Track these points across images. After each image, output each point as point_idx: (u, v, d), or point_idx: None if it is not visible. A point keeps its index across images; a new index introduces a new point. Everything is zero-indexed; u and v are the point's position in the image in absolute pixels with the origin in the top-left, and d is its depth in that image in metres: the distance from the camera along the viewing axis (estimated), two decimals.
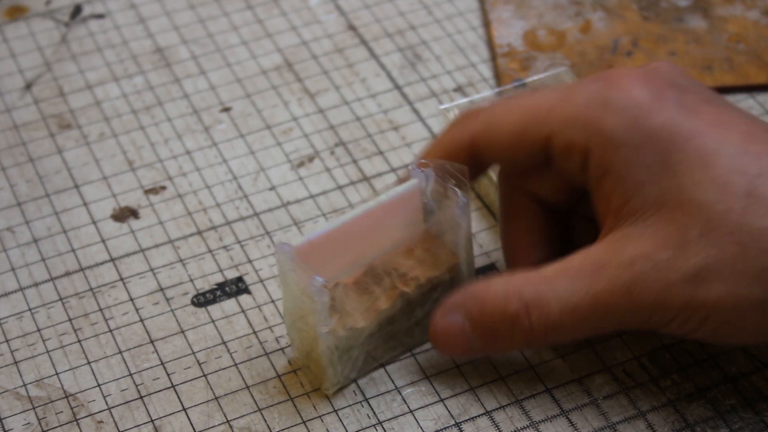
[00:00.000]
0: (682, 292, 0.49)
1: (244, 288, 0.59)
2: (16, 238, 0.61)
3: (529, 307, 0.50)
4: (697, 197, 0.48)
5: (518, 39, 0.70)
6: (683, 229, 0.48)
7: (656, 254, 0.49)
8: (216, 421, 0.54)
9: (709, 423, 0.53)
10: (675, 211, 0.49)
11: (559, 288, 0.50)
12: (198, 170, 0.64)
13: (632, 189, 0.49)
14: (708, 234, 0.48)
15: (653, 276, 0.49)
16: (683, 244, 0.48)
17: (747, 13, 0.70)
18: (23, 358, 0.56)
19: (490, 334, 0.51)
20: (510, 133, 0.52)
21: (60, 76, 0.69)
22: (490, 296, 0.51)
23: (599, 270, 0.49)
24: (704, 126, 0.49)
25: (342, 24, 0.72)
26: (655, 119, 0.49)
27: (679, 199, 0.49)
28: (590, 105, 0.50)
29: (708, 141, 0.49)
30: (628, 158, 0.49)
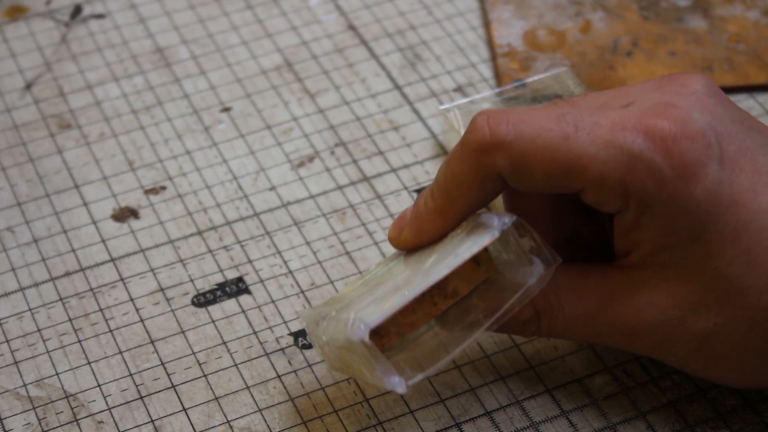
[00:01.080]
0: (686, 348, 0.50)
1: (245, 288, 0.59)
2: (16, 238, 0.61)
3: (540, 314, 0.51)
4: (721, 269, 0.49)
5: (518, 39, 0.70)
6: (700, 294, 0.49)
7: (668, 310, 0.49)
8: (216, 422, 0.54)
9: (710, 423, 0.53)
10: (697, 275, 0.49)
11: (568, 305, 0.51)
12: (198, 170, 0.64)
13: (660, 248, 0.49)
14: (724, 304, 0.49)
15: (659, 329, 0.50)
16: (697, 308, 0.49)
17: (747, 13, 0.70)
18: (23, 358, 0.56)
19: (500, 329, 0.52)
20: (540, 180, 0.49)
21: (60, 76, 0.69)
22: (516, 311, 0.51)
23: (609, 302, 0.50)
24: (740, 193, 0.48)
25: (342, 24, 0.72)
26: (696, 190, 0.48)
27: (704, 266, 0.49)
28: (633, 170, 0.48)
29: (742, 212, 0.48)
30: (663, 225, 0.49)
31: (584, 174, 0.48)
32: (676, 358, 0.51)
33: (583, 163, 0.48)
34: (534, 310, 0.51)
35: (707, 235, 0.48)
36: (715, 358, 0.50)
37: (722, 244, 0.48)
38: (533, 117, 0.49)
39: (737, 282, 0.48)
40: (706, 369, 0.51)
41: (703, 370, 0.51)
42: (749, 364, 0.50)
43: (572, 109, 0.49)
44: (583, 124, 0.48)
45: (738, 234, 0.48)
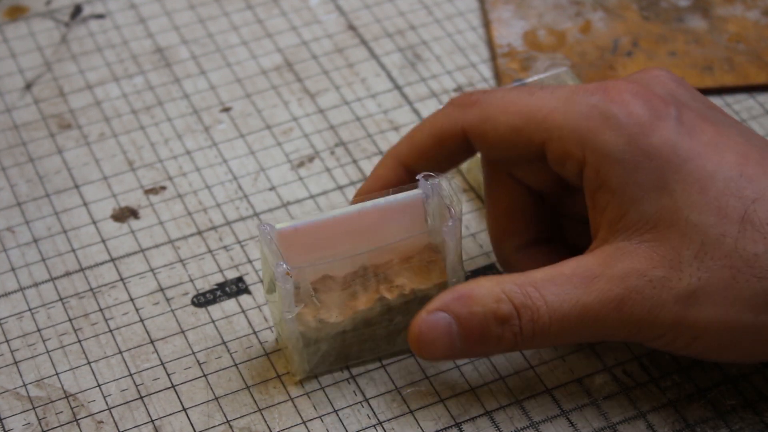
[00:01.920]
0: (673, 312, 0.49)
1: (245, 288, 0.59)
2: (16, 238, 0.61)
3: (520, 311, 0.50)
4: (693, 219, 0.48)
5: (518, 39, 0.70)
6: (678, 250, 0.49)
7: (650, 272, 0.49)
8: (216, 421, 0.54)
9: (710, 423, 0.53)
10: (670, 230, 0.49)
11: (550, 295, 0.50)
12: (198, 170, 0.64)
13: (628, 205, 0.49)
14: (702, 256, 0.48)
15: (645, 293, 0.49)
16: (677, 265, 0.49)
17: (747, 13, 0.70)
18: (23, 358, 0.56)
19: (477, 335, 0.50)
20: (504, 132, 0.52)
21: (60, 76, 0.69)
22: (480, 297, 0.50)
23: (591, 281, 0.50)
24: (702, 147, 0.49)
25: (342, 24, 0.72)
26: (654, 138, 0.49)
27: (675, 218, 0.49)
28: (589, 117, 0.50)
29: (705, 163, 0.49)
30: (625, 175, 0.49)
31: (544, 123, 0.51)
32: (664, 328, 0.49)
33: (543, 113, 0.51)
34: (512, 306, 0.50)
35: (672, 185, 0.49)
36: (704, 324, 0.49)
37: (690, 193, 0.49)
38: (505, 88, 0.54)
39: (712, 231, 0.48)
40: (697, 339, 0.49)
41: (693, 342, 0.50)
42: (739, 326, 0.49)
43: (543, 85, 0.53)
44: (548, 87, 0.52)
45: (704, 183, 0.49)
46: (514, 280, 0.50)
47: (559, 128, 0.50)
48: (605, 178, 0.50)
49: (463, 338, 0.50)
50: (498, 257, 0.56)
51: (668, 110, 0.50)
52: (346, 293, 0.53)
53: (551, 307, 0.50)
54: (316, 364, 0.54)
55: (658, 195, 0.49)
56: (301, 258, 0.52)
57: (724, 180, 0.49)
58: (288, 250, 0.52)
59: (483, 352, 0.52)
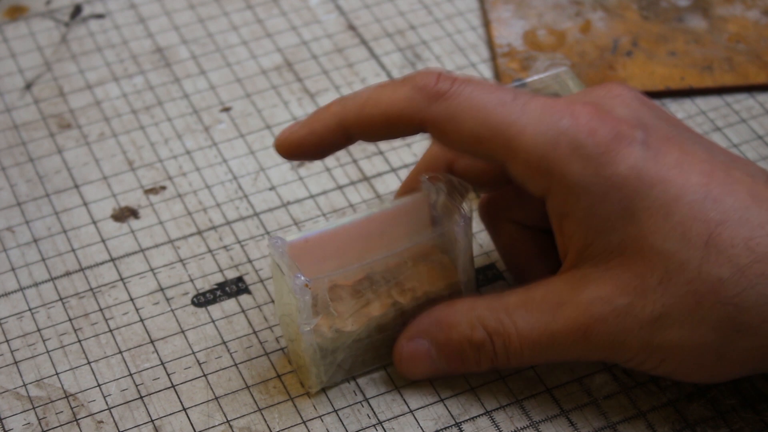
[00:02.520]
0: (639, 337, 0.49)
1: (244, 288, 0.59)
2: (16, 238, 0.61)
3: (493, 336, 0.51)
4: (657, 245, 0.48)
5: (518, 39, 0.70)
6: (642, 277, 0.49)
7: (615, 299, 0.49)
8: (216, 421, 0.54)
9: (710, 423, 0.53)
10: (635, 257, 0.49)
11: (520, 321, 0.51)
12: (198, 170, 0.64)
13: (594, 235, 0.50)
14: (667, 282, 0.48)
15: (609, 321, 0.49)
16: (642, 291, 0.49)
17: (747, 13, 0.70)
18: (23, 358, 0.56)
19: (456, 358, 0.53)
20: (468, 138, 0.50)
21: (60, 76, 0.69)
22: (455, 324, 0.52)
23: (559, 307, 0.50)
24: (667, 170, 0.49)
25: (342, 24, 0.72)
26: (620, 167, 0.49)
27: (640, 246, 0.49)
28: (557, 144, 0.49)
29: (670, 187, 0.49)
30: (591, 206, 0.49)
31: (511, 143, 0.50)
32: (632, 353, 0.50)
33: (512, 132, 0.50)
34: (485, 333, 0.51)
35: (638, 213, 0.49)
36: (670, 347, 0.49)
37: (654, 219, 0.49)
38: (478, 81, 0.51)
39: (675, 257, 0.48)
40: (664, 361, 0.50)
41: (661, 364, 0.50)
42: (704, 349, 0.49)
43: (512, 87, 0.52)
44: (521, 97, 0.50)
45: (669, 208, 0.49)
46: (488, 304, 0.52)
47: (525, 151, 0.49)
48: (571, 209, 0.50)
49: (443, 361, 0.53)
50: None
51: (634, 134, 0.49)
52: (358, 301, 0.53)
53: (521, 333, 0.51)
54: (333, 374, 0.54)
55: (623, 224, 0.49)
56: (313, 268, 0.52)
57: (688, 204, 0.49)
58: (300, 261, 0.52)
59: (465, 371, 0.54)
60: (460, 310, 0.52)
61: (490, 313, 0.51)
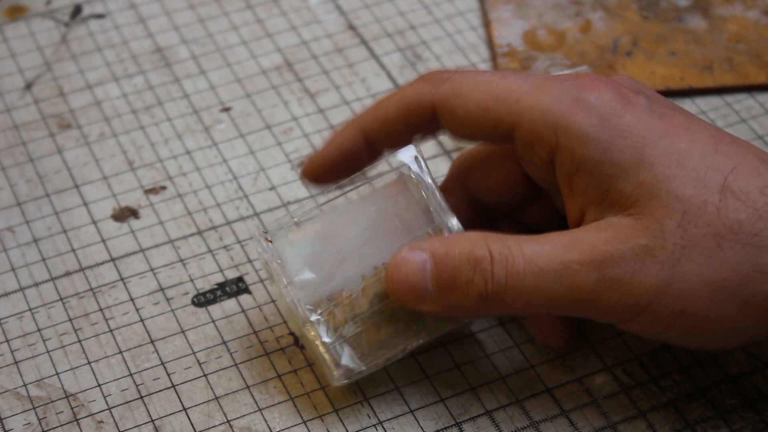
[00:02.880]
0: (657, 280, 0.48)
1: (245, 288, 0.59)
2: (16, 238, 0.61)
3: (494, 255, 0.49)
4: (673, 190, 0.49)
5: (518, 39, 0.70)
6: (660, 220, 0.49)
7: (634, 239, 0.49)
8: (216, 421, 0.54)
9: (710, 422, 0.53)
10: (652, 202, 0.49)
11: (529, 248, 0.49)
12: (198, 170, 0.64)
13: (607, 183, 0.49)
14: (686, 225, 0.48)
15: (629, 258, 0.48)
16: (661, 234, 0.48)
17: (747, 13, 0.70)
18: (23, 358, 0.56)
19: (449, 276, 0.50)
20: (474, 110, 0.52)
21: (60, 76, 0.69)
22: (459, 238, 0.51)
23: (574, 243, 0.49)
24: (674, 128, 0.50)
25: (342, 24, 0.72)
26: (626, 118, 0.50)
27: (656, 191, 0.49)
28: (561, 100, 0.50)
29: (679, 141, 0.49)
30: (601, 154, 0.49)
31: (516, 106, 0.51)
32: (647, 299, 0.48)
33: (515, 95, 0.51)
34: (487, 250, 0.50)
35: (650, 159, 0.49)
36: (689, 293, 0.48)
37: (669, 165, 0.49)
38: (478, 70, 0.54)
39: (693, 201, 0.48)
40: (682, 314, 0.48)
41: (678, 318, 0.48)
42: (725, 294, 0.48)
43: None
44: (519, 72, 0.52)
45: (682, 156, 0.49)
46: (498, 234, 0.50)
47: (530, 111, 0.50)
48: (581, 160, 0.50)
49: (434, 278, 0.50)
50: None
51: (638, 98, 0.51)
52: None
53: (528, 258, 0.49)
54: (350, 357, 0.52)
55: (636, 170, 0.49)
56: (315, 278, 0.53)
57: (700, 155, 0.49)
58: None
59: (453, 303, 0.50)
60: (472, 233, 0.51)
61: (496, 237, 0.50)
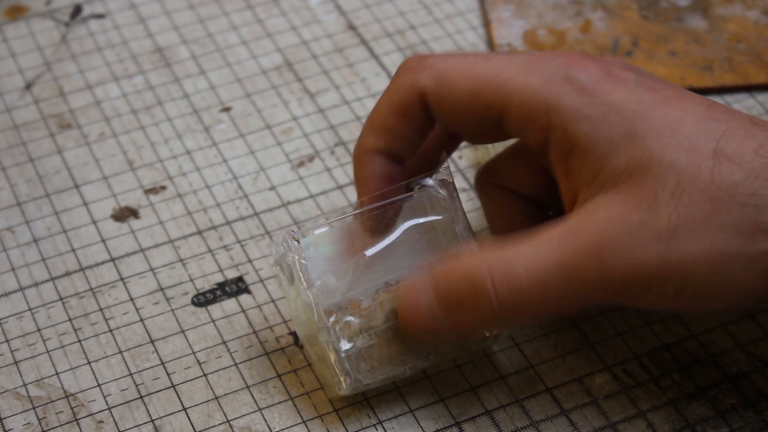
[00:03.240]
0: (656, 252, 0.47)
1: (245, 288, 0.59)
2: (16, 238, 0.61)
3: (494, 275, 0.48)
4: (665, 159, 0.48)
5: (518, 39, 0.70)
6: (654, 192, 0.48)
7: (627, 217, 0.48)
8: (216, 421, 0.54)
9: (710, 422, 0.53)
10: (645, 175, 0.48)
11: (526, 253, 0.48)
12: (198, 170, 0.64)
13: (600, 160, 0.49)
14: (680, 194, 0.48)
15: (624, 238, 0.47)
16: (655, 206, 0.48)
17: (747, 12, 0.70)
18: (23, 358, 0.56)
19: (454, 302, 0.49)
20: (462, 96, 0.51)
21: (60, 76, 0.69)
22: (456, 263, 0.50)
23: (568, 235, 0.48)
24: (665, 98, 0.50)
25: (342, 24, 0.72)
26: (617, 93, 0.49)
27: (649, 163, 0.48)
28: (550, 80, 0.50)
29: (671, 110, 0.49)
30: (593, 131, 0.49)
31: (505, 89, 0.50)
32: (649, 275, 0.47)
33: (503, 78, 0.50)
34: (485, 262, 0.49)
35: (642, 132, 0.49)
36: (691, 261, 0.47)
37: (661, 135, 0.48)
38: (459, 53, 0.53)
39: (686, 168, 0.48)
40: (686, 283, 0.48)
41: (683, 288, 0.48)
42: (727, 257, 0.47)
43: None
44: (503, 53, 0.52)
45: (673, 125, 0.49)
46: (494, 245, 0.50)
47: (520, 93, 0.50)
48: (574, 138, 0.49)
49: (443, 308, 0.50)
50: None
51: (627, 74, 0.50)
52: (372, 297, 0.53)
53: (527, 265, 0.48)
54: (359, 368, 0.52)
55: (629, 144, 0.49)
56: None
57: (691, 123, 0.49)
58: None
59: (467, 323, 0.50)
60: (462, 255, 0.50)
61: (493, 252, 0.49)
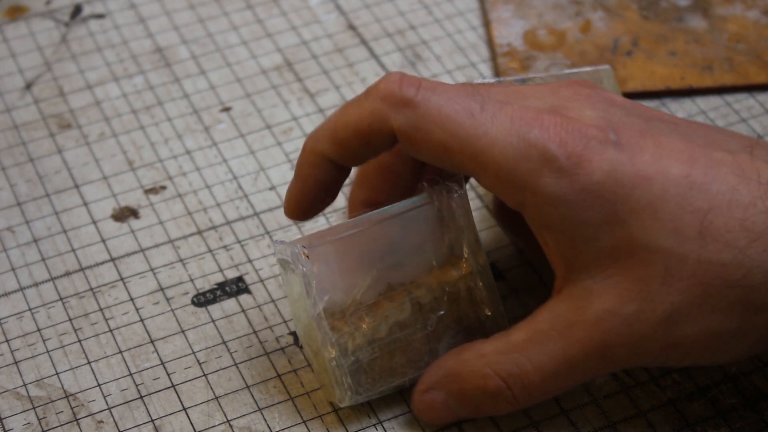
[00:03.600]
0: (656, 340, 0.48)
1: (245, 288, 0.59)
2: (16, 238, 0.61)
3: (509, 381, 0.50)
4: (651, 245, 0.48)
5: (518, 38, 0.70)
6: (644, 280, 0.48)
7: (622, 309, 0.48)
8: (216, 421, 0.54)
9: (710, 422, 0.53)
10: (631, 261, 0.48)
11: (535, 356, 0.50)
12: (198, 170, 0.64)
13: (580, 243, 0.48)
14: (670, 279, 0.48)
15: (624, 332, 0.48)
16: (647, 295, 0.48)
17: (747, 12, 0.70)
18: (23, 358, 0.56)
19: (473, 407, 0.51)
20: (437, 148, 0.49)
21: (60, 76, 0.69)
22: (466, 375, 0.51)
23: (569, 330, 0.49)
24: (646, 168, 0.48)
25: (342, 24, 0.72)
26: (595, 174, 0.48)
27: (633, 249, 0.48)
28: (528, 157, 0.48)
29: (652, 186, 0.48)
30: (571, 215, 0.48)
31: (480, 156, 0.49)
32: (653, 356, 0.49)
33: (481, 145, 0.49)
34: (499, 380, 0.50)
35: (623, 216, 0.48)
36: (690, 342, 0.48)
37: (642, 219, 0.48)
38: (444, 87, 0.50)
39: (672, 253, 0.47)
40: (687, 355, 0.49)
41: (685, 357, 0.49)
42: (724, 334, 0.48)
43: (482, 92, 0.50)
44: (489, 106, 0.49)
45: (654, 206, 0.48)
46: (496, 348, 0.50)
47: (495, 165, 0.49)
48: (549, 219, 0.49)
49: (462, 409, 0.52)
50: None
51: (605, 139, 0.48)
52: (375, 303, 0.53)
53: (539, 369, 0.50)
54: (360, 381, 0.52)
55: (610, 229, 0.48)
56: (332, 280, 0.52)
57: (674, 197, 0.48)
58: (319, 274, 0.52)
59: (484, 414, 0.52)
60: (469, 360, 0.51)
61: (500, 357, 0.50)
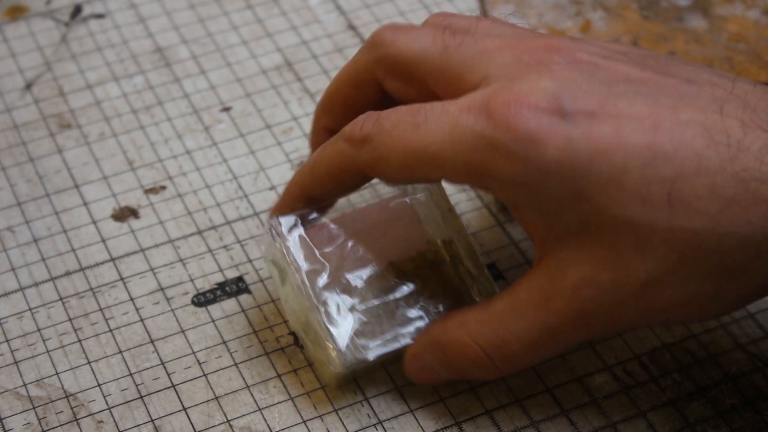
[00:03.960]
0: (634, 306, 0.48)
1: (245, 288, 0.59)
2: (16, 238, 0.61)
3: (488, 351, 0.51)
4: (619, 216, 0.47)
5: None
6: (617, 249, 0.48)
7: (598, 277, 0.48)
8: (216, 421, 0.54)
9: (710, 422, 0.53)
10: (602, 231, 0.48)
11: (514, 326, 0.50)
12: (198, 170, 0.64)
13: (549, 218, 0.48)
14: (642, 249, 0.47)
15: (601, 300, 0.48)
16: (621, 263, 0.48)
17: (747, 12, 0.70)
18: (23, 358, 0.56)
19: (459, 373, 0.53)
20: (399, 170, 0.50)
21: (60, 76, 0.69)
22: (448, 344, 0.52)
23: (547, 300, 0.49)
24: (604, 142, 0.47)
25: (342, 24, 0.72)
26: (549, 153, 0.47)
27: (602, 220, 0.47)
28: (477, 149, 0.48)
29: (613, 157, 0.47)
30: (532, 195, 0.48)
31: (435, 161, 0.49)
32: (633, 321, 0.49)
33: (432, 150, 0.49)
34: (478, 349, 0.51)
35: (585, 190, 0.47)
36: (668, 306, 0.48)
37: (607, 192, 0.47)
38: (395, 111, 0.51)
39: (642, 223, 0.47)
40: (668, 318, 0.49)
41: (666, 320, 0.49)
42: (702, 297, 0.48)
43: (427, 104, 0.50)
44: (432, 113, 0.50)
45: (618, 178, 0.47)
46: (477, 317, 0.51)
47: (452, 164, 0.49)
48: (515, 199, 0.49)
49: (449, 374, 0.53)
50: None
51: (556, 114, 0.47)
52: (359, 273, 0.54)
53: (519, 338, 0.50)
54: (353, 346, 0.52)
55: (575, 203, 0.48)
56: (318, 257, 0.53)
57: (637, 168, 0.47)
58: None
59: (469, 377, 0.54)
60: (450, 328, 0.52)
61: (481, 327, 0.51)
